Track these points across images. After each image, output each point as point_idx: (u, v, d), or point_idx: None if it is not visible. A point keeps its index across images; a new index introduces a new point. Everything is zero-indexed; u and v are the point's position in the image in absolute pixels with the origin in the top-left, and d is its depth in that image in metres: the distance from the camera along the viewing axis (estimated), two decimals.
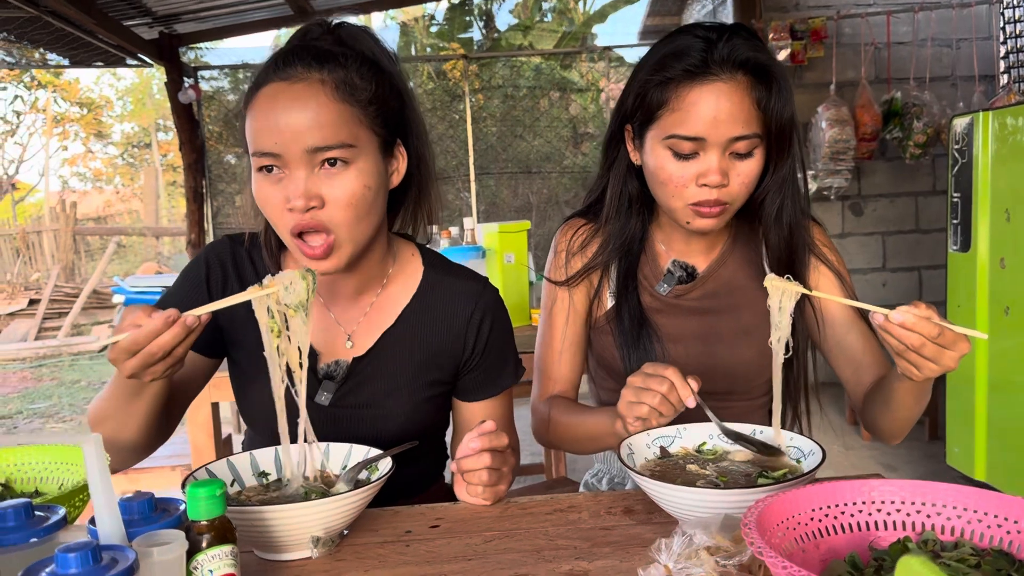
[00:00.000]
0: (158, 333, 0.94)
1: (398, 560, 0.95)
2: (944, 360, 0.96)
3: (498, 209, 6.87)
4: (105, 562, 0.68)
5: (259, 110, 1.06)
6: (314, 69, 1.06)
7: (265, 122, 1.05)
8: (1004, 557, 0.73)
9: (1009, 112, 2.67)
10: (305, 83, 1.05)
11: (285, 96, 1.05)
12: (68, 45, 4.71)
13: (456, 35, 9.40)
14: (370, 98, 1.09)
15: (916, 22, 4.65)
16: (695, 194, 1.19)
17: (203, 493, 0.78)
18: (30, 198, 17.61)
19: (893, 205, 4.96)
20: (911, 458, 3.70)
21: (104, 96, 18.08)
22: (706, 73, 1.16)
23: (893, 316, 0.94)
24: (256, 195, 1.10)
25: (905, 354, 0.97)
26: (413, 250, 1.28)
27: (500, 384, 1.28)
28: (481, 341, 1.24)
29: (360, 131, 1.08)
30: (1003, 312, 2.70)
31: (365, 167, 1.08)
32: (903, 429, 1.22)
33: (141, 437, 1.13)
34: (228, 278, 1.23)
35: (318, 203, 1.06)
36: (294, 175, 1.05)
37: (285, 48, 1.11)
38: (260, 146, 1.06)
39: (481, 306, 1.24)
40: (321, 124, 1.04)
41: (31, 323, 9.04)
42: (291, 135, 1.04)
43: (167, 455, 2.63)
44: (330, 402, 1.20)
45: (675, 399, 1.06)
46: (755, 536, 0.69)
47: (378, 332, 1.22)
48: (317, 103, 1.05)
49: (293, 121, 1.04)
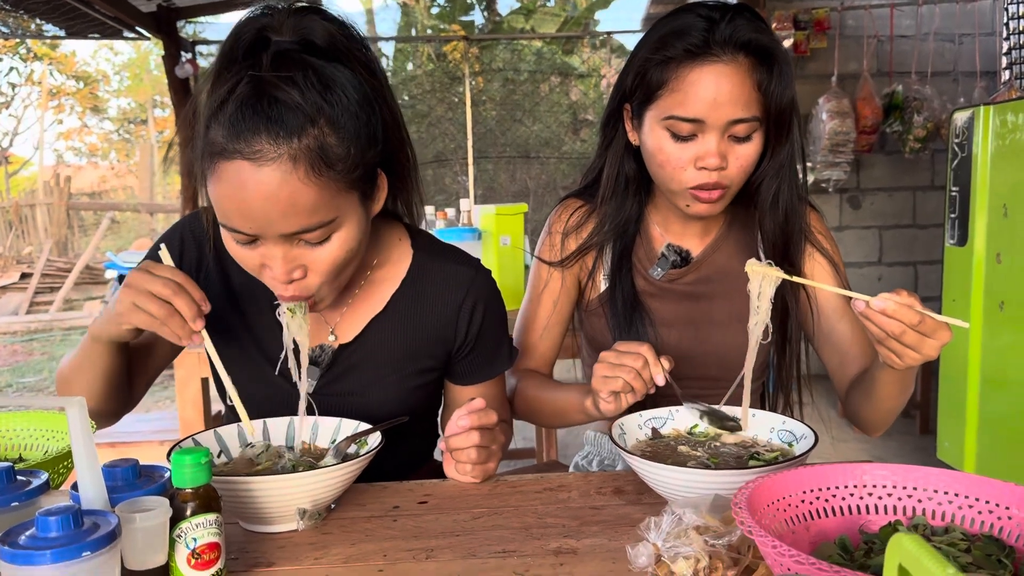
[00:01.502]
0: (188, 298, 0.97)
1: (385, 535, 0.95)
2: (925, 348, 0.95)
3: (495, 193, 6.85)
4: (86, 526, 0.67)
5: (224, 190, 0.93)
6: (282, 142, 0.91)
7: (234, 204, 0.93)
8: (994, 543, 0.73)
9: (1010, 107, 2.66)
10: (274, 164, 0.90)
11: (254, 183, 0.91)
12: (64, 15, 4.66)
13: (457, 17, 9.35)
14: (348, 162, 0.96)
15: (919, 16, 4.63)
16: (693, 177, 1.18)
17: (188, 460, 0.77)
18: (24, 171, 17.49)
19: (891, 199, 4.95)
20: (902, 451, 3.71)
21: (101, 70, 17.94)
22: (707, 54, 1.14)
23: (874, 303, 0.93)
24: (228, 247, 1.01)
25: (886, 342, 0.96)
26: (401, 234, 1.22)
27: (494, 369, 1.26)
28: (474, 328, 1.20)
29: (341, 199, 0.97)
30: (998, 307, 2.70)
31: (348, 232, 1.00)
32: (885, 421, 1.22)
33: (100, 400, 1.13)
34: (204, 258, 1.18)
35: (300, 274, 1.00)
36: (271, 250, 0.97)
37: (244, 100, 0.91)
38: (230, 224, 0.96)
39: (473, 292, 1.19)
40: (298, 211, 0.93)
41: (23, 297, 9.00)
42: (264, 223, 0.93)
43: (155, 430, 2.62)
44: (314, 389, 1.16)
45: (648, 376, 1.04)
46: (745, 516, 0.68)
47: (365, 319, 1.18)
48: (291, 189, 0.91)
49: (265, 211, 0.92)
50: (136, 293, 0.97)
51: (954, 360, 2.87)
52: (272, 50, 0.95)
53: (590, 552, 0.88)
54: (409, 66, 8.47)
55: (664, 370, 1.05)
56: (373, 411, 1.16)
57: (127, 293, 0.97)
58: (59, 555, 0.64)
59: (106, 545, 0.66)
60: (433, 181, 7.36)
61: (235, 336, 1.17)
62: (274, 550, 0.91)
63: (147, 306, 0.96)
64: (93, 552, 0.65)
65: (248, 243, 0.98)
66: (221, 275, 1.18)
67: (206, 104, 0.95)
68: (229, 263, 1.17)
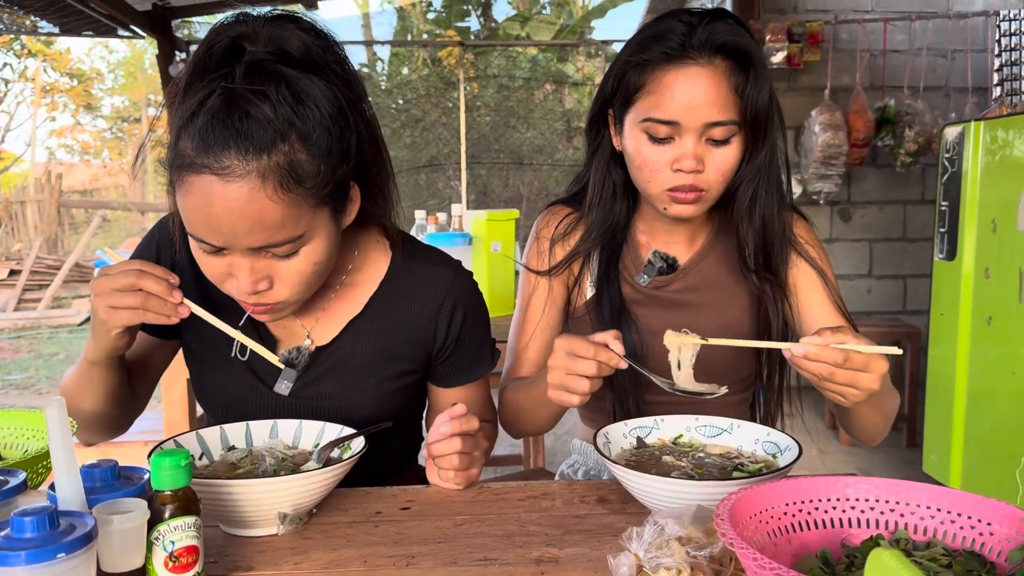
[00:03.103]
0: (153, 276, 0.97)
1: (366, 540, 0.94)
2: (862, 383, 0.94)
3: (488, 199, 6.85)
4: (62, 527, 0.67)
5: (192, 202, 0.92)
6: (251, 157, 0.89)
7: (201, 217, 0.92)
8: (975, 558, 0.73)
9: (1000, 124, 2.68)
10: (242, 180, 0.89)
11: (222, 198, 0.90)
12: (59, 12, 4.64)
13: (453, 23, 9.36)
14: (318, 179, 0.94)
15: (912, 31, 4.66)
16: (670, 179, 1.18)
17: (168, 463, 0.76)
18: (15, 168, 17.40)
19: (881, 212, 4.97)
20: (888, 464, 3.72)
21: (95, 68, 17.89)
22: (683, 56, 1.14)
23: (795, 349, 0.93)
24: (195, 255, 1.01)
25: (821, 385, 0.96)
26: (378, 236, 1.20)
27: (476, 372, 1.25)
28: (454, 330, 1.19)
29: (310, 215, 0.95)
30: (985, 322, 2.71)
31: (316, 246, 0.99)
32: (877, 434, 1.22)
33: (103, 410, 1.12)
34: (177, 261, 1.17)
35: (266, 285, 0.99)
36: (238, 261, 0.96)
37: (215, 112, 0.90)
38: (198, 235, 0.95)
39: (453, 293, 1.18)
40: (266, 226, 0.92)
41: (11, 294, 8.94)
42: (232, 236, 0.93)
43: (140, 430, 2.60)
44: (290, 392, 1.15)
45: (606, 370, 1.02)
46: (727, 528, 0.68)
47: (342, 323, 1.16)
48: (259, 206, 0.90)
49: (232, 225, 0.91)
50: (106, 297, 0.97)
51: (941, 374, 2.88)
52: (246, 60, 0.93)
53: (572, 561, 0.88)
54: (404, 70, 8.47)
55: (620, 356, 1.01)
56: (352, 414, 1.15)
57: (98, 301, 0.98)
58: (34, 556, 0.63)
59: (82, 547, 0.66)
60: (426, 185, 7.36)
61: (213, 341, 1.16)
62: (254, 554, 0.91)
63: (121, 302, 0.96)
64: (68, 554, 0.64)
65: (215, 252, 0.97)
66: (196, 279, 1.14)
67: (177, 113, 0.93)
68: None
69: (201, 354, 1.18)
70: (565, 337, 1.03)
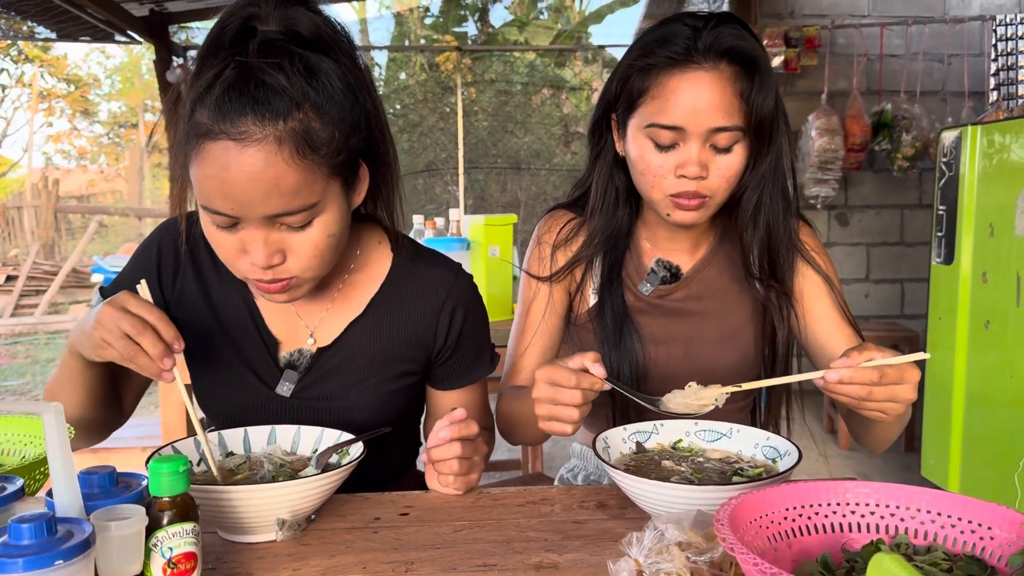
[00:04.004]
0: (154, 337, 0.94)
1: (365, 546, 0.94)
2: (901, 395, 0.93)
3: (486, 204, 6.86)
4: (60, 534, 0.66)
5: (208, 170, 0.93)
6: (268, 123, 0.91)
7: (216, 184, 0.93)
8: (976, 563, 0.72)
9: (997, 128, 2.68)
10: (259, 145, 0.91)
11: (238, 163, 0.91)
12: (56, 18, 4.64)
13: (450, 28, 9.37)
14: (332, 146, 0.96)
15: (909, 35, 4.67)
16: (674, 185, 1.17)
17: (166, 469, 0.76)
18: (12, 174, 17.38)
19: (879, 217, 4.98)
20: (886, 468, 3.72)
21: (92, 74, 17.87)
22: (688, 61, 1.13)
23: (829, 376, 0.92)
24: (207, 233, 1.01)
25: (861, 406, 0.95)
26: (381, 237, 1.21)
27: (475, 374, 1.25)
28: (454, 332, 1.19)
29: (324, 183, 0.97)
30: (983, 326, 2.71)
31: (329, 217, 1.00)
32: (888, 441, 1.22)
33: (87, 413, 1.12)
34: (179, 264, 1.17)
35: (280, 259, 0.99)
36: (252, 233, 0.97)
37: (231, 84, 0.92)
38: (212, 205, 0.95)
39: (454, 295, 1.19)
40: (282, 192, 0.93)
41: (8, 299, 8.92)
42: (247, 204, 0.93)
43: (138, 436, 2.60)
44: (292, 393, 1.15)
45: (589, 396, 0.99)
46: (727, 533, 0.67)
47: (344, 323, 1.17)
48: (276, 171, 0.92)
49: (248, 191, 0.92)
50: (105, 330, 0.95)
51: (939, 378, 2.88)
52: (258, 39, 0.95)
53: (571, 567, 0.88)
54: (402, 76, 8.48)
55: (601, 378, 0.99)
56: (352, 416, 1.15)
57: (98, 329, 0.95)
58: (31, 563, 0.63)
59: (80, 554, 0.65)
60: (424, 190, 7.36)
61: (213, 343, 1.16)
62: (252, 560, 0.90)
63: (115, 343, 0.94)
64: (66, 561, 0.64)
65: (228, 227, 0.97)
66: (199, 281, 1.17)
67: (191, 88, 0.94)
68: (206, 269, 1.17)
69: (200, 357, 1.18)
70: (546, 367, 1.00)
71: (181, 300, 1.17)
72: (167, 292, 1.17)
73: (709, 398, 1.03)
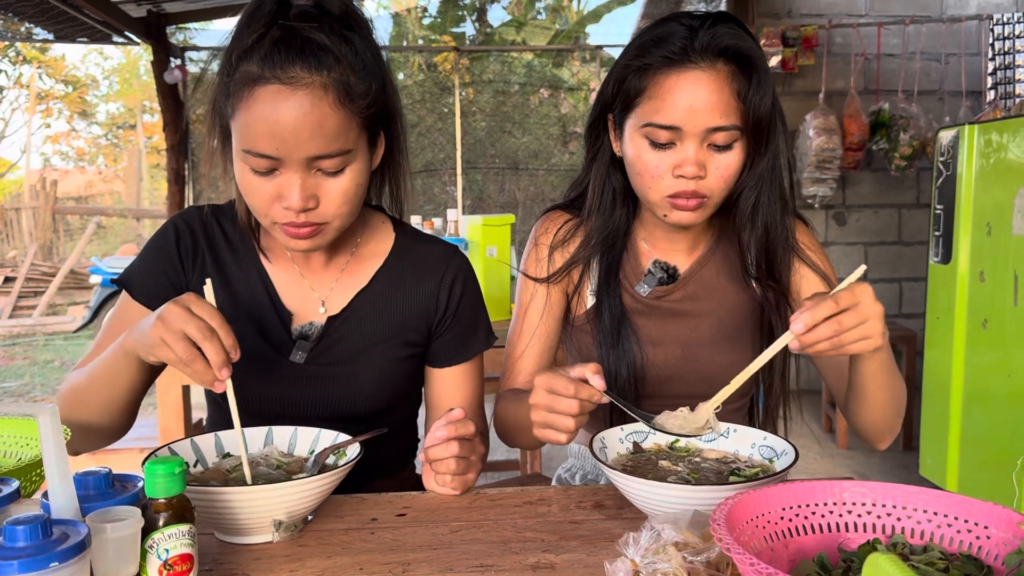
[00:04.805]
0: (217, 345, 0.95)
1: (362, 547, 0.94)
2: (866, 312, 0.91)
3: (484, 204, 6.85)
4: (55, 536, 0.66)
5: (257, 112, 1.00)
6: (315, 71, 1.00)
7: (265, 126, 1.00)
8: (972, 562, 0.72)
9: (994, 127, 2.68)
10: (307, 89, 1.00)
11: (287, 104, 0.99)
12: (53, 19, 4.64)
13: (448, 28, 9.37)
14: (367, 100, 1.05)
15: (906, 35, 4.68)
16: (671, 185, 1.16)
17: (161, 470, 0.76)
18: (10, 175, 17.37)
19: (877, 216, 4.98)
20: (884, 467, 3.72)
21: (90, 75, 17.86)
22: (685, 61, 1.13)
23: (795, 328, 0.91)
24: (241, 183, 1.07)
25: (840, 344, 0.92)
26: (383, 218, 1.31)
27: (472, 348, 1.28)
28: (453, 301, 1.25)
29: (356, 133, 1.06)
30: (981, 325, 2.71)
31: (358, 166, 1.08)
32: (888, 425, 1.18)
33: (116, 417, 1.13)
34: (198, 244, 1.22)
35: (314, 203, 1.06)
36: (290, 178, 1.03)
37: (277, 39, 1.01)
38: (256, 148, 1.02)
39: (453, 267, 1.26)
40: (324, 134, 1.01)
41: (6, 301, 8.92)
42: (293, 143, 1.00)
43: (135, 437, 2.60)
44: (305, 360, 1.20)
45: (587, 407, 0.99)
46: (724, 533, 0.67)
47: (352, 293, 1.23)
48: (321, 113, 1.00)
49: (296, 130, 1.00)
50: (166, 329, 0.95)
51: (937, 377, 2.88)
52: (295, 10, 1.04)
53: (568, 567, 0.88)
54: (400, 76, 8.48)
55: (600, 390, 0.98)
56: (359, 382, 1.19)
57: (159, 327, 0.95)
58: (26, 566, 0.63)
59: (75, 556, 0.65)
60: (422, 191, 7.35)
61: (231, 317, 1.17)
62: (249, 561, 0.90)
63: (175, 345, 0.94)
64: (62, 563, 0.64)
65: (267, 172, 1.04)
66: (215, 260, 1.23)
67: (233, 51, 1.04)
68: (222, 250, 1.23)
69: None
70: (546, 375, 1.00)
71: (200, 280, 1.19)
72: (188, 272, 1.21)
73: (701, 420, 1.02)
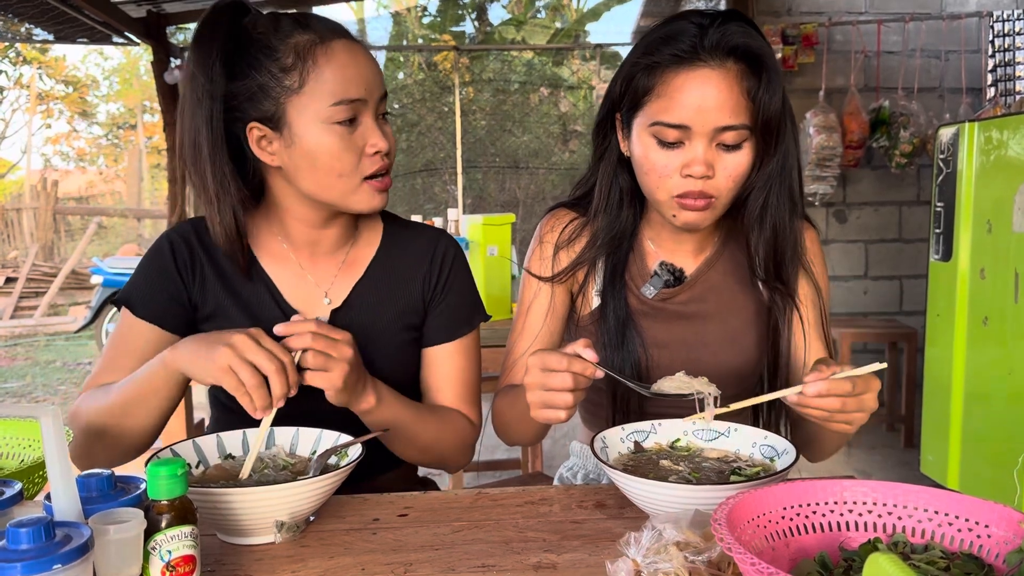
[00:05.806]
0: (284, 379, 0.99)
1: (364, 548, 0.94)
2: (868, 404, 0.96)
3: (484, 203, 6.86)
4: (58, 538, 0.66)
5: (340, 61, 1.12)
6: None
7: (352, 72, 1.12)
8: (973, 561, 0.73)
9: (994, 124, 2.68)
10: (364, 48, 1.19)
11: (363, 55, 1.16)
12: (53, 20, 4.64)
13: (448, 27, 9.37)
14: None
15: (906, 32, 4.67)
16: (679, 185, 1.15)
17: (164, 472, 0.76)
18: (11, 175, 17.38)
19: (877, 213, 4.98)
20: (885, 465, 3.72)
21: (90, 75, 17.86)
22: (694, 59, 1.11)
23: (808, 390, 0.94)
24: (331, 150, 1.13)
25: (832, 419, 0.97)
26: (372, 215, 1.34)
27: (464, 324, 1.31)
28: (444, 275, 1.30)
29: None
30: (981, 322, 2.71)
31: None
32: (825, 457, 1.26)
33: (153, 433, 1.17)
34: (195, 256, 1.23)
35: (393, 145, 1.20)
36: (369, 125, 1.15)
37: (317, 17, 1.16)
38: (347, 94, 1.12)
39: (442, 245, 1.32)
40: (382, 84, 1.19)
41: (7, 301, 8.93)
42: (374, 86, 1.15)
43: None
44: None
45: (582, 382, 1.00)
46: (725, 532, 0.68)
47: (350, 285, 1.27)
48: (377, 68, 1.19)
49: (377, 74, 1.17)
50: (235, 358, 0.97)
51: (938, 375, 2.88)
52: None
53: (570, 567, 0.88)
54: (400, 75, 8.48)
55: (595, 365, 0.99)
56: (372, 368, 1.18)
57: (225, 354, 0.97)
58: (29, 568, 0.63)
59: (78, 557, 0.65)
60: (422, 190, 7.35)
61: (236, 323, 1.20)
62: (251, 562, 0.90)
63: (242, 373, 0.97)
64: (65, 565, 0.64)
65: (350, 122, 1.13)
66: (214, 267, 1.24)
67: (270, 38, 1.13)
68: (219, 257, 1.24)
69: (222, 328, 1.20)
70: (538, 353, 1.00)
71: (203, 290, 1.22)
72: (188, 285, 1.22)
73: (700, 382, 1.05)
